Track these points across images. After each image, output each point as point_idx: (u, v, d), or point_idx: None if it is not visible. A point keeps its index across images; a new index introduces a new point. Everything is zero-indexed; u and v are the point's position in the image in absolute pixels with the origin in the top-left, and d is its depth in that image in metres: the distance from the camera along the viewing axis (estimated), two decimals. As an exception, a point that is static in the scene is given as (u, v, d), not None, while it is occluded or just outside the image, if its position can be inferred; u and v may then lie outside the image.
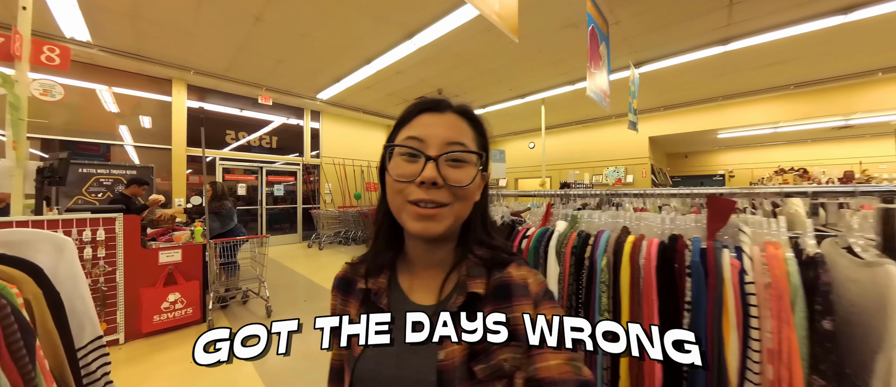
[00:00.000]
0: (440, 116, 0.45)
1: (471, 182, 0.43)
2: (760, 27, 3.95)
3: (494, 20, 1.58)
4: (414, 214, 0.43)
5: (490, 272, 0.45)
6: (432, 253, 0.47)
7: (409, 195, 0.43)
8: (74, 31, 3.94)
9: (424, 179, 0.41)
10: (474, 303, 0.42)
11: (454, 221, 0.44)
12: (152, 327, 2.45)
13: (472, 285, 0.43)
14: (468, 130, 0.46)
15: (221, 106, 6.33)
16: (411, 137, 0.43)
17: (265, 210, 6.99)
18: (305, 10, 3.55)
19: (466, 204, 0.45)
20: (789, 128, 7.13)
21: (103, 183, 4.80)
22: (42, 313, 0.53)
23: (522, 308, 0.41)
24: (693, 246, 0.69)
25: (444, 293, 0.45)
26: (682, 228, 0.79)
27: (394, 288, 0.49)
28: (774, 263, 0.59)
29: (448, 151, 0.42)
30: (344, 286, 0.52)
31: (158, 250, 2.56)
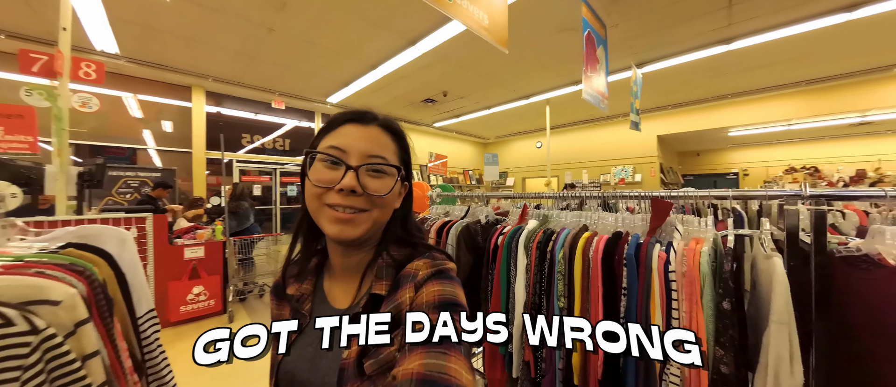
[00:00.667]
0: (364, 129, 0.47)
1: (389, 192, 0.45)
2: (762, 27, 3.94)
3: (483, 34, 1.71)
4: (332, 218, 0.44)
5: (399, 272, 0.46)
6: (349, 257, 0.49)
7: (327, 200, 0.44)
8: (104, 45, 4.25)
9: (343, 187, 0.43)
10: (378, 303, 0.44)
11: (372, 225, 0.46)
12: (179, 316, 2.69)
13: (376, 287, 0.45)
14: (390, 143, 0.48)
15: (237, 110, 6.63)
16: (333, 147, 0.45)
17: (279, 209, 7.28)
18: (313, 20, 3.75)
19: (385, 211, 0.47)
20: (803, 125, 6.99)
21: (130, 185, 5.13)
22: (114, 289, 0.70)
23: (403, 295, 0.42)
24: (631, 242, 0.81)
25: (359, 296, 0.47)
26: (631, 226, 0.91)
27: (318, 293, 0.50)
28: (690, 255, 0.71)
29: (368, 162, 0.44)
30: (278, 292, 0.53)
31: (184, 247, 2.79)
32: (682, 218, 0.83)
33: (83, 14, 3.52)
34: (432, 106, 7.15)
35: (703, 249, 0.71)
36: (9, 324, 0.35)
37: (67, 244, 0.67)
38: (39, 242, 0.65)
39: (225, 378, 2.01)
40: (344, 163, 0.44)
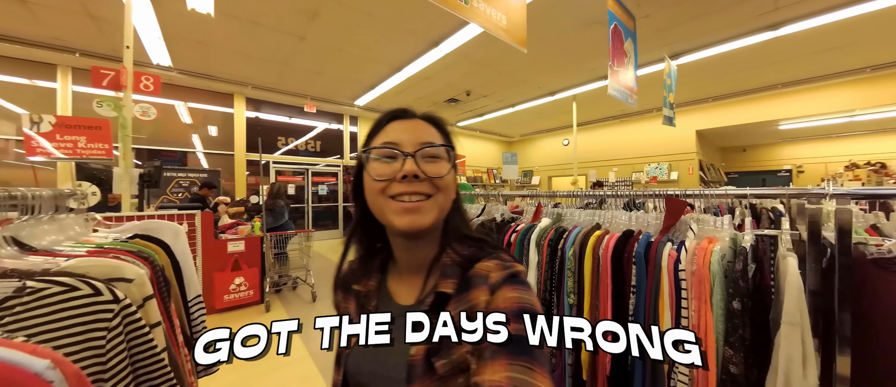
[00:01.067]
0: (408, 122, 0.48)
1: (447, 173, 0.45)
2: (814, 10, 3.60)
3: (501, 35, 1.73)
4: (398, 209, 0.44)
5: (464, 271, 0.45)
6: (414, 253, 0.48)
7: (390, 191, 0.44)
8: (160, 59, 4.71)
9: (406, 173, 0.43)
10: (444, 302, 0.43)
11: (438, 212, 0.45)
12: (223, 304, 2.95)
13: (443, 285, 0.44)
14: (435, 132, 0.49)
15: (273, 115, 7.07)
16: (387, 143, 0.46)
17: (311, 208, 7.67)
18: (341, 28, 3.93)
19: (447, 196, 0.46)
20: (868, 116, 6.27)
21: (181, 185, 5.66)
22: (170, 274, 0.81)
23: (477, 296, 0.41)
24: (641, 240, 0.81)
25: (424, 293, 0.46)
26: (644, 225, 0.90)
27: (382, 290, 0.51)
28: (700, 255, 0.70)
29: (422, 147, 0.45)
30: (342, 285, 0.55)
31: (227, 241, 3.05)
32: (697, 217, 0.81)
33: (142, 32, 3.94)
34: (455, 106, 7.20)
35: (714, 249, 0.70)
36: (98, 293, 0.45)
37: (134, 235, 0.79)
38: (113, 232, 0.78)
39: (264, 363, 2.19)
40: (400, 152, 0.44)
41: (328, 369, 1.95)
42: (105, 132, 1.74)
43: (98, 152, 1.70)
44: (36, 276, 0.43)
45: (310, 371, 2.13)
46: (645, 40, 4.27)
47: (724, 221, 0.77)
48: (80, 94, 5.08)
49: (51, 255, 0.54)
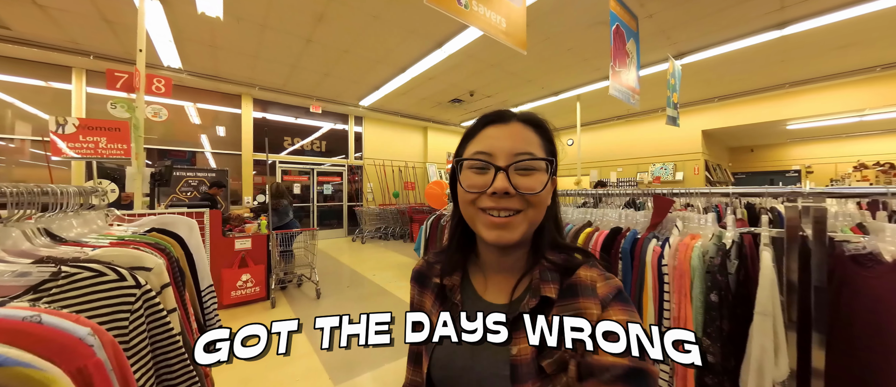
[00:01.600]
0: (505, 127, 0.46)
1: (542, 189, 0.43)
2: (821, 8, 3.56)
3: (500, 38, 1.77)
4: (488, 223, 0.43)
5: (563, 278, 0.45)
6: (505, 258, 0.48)
7: (481, 204, 0.44)
8: (170, 61, 4.84)
9: (496, 190, 0.42)
10: (547, 306, 0.43)
11: (528, 227, 0.44)
12: (231, 300, 3.03)
13: (546, 289, 0.43)
14: (534, 137, 0.46)
15: (280, 115, 7.19)
16: (479, 152, 0.44)
17: (316, 207, 7.78)
18: (346, 30, 4.00)
19: (539, 210, 0.45)
20: (878, 116, 6.16)
21: (191, 184, 5.79)
22: (184, 265, 0.87)
23: (587, 306, 0.41)
24: (628, 237, 0.84)
25: (516, 295, 0.46)
26: (633, 222, 0.94)
27: (466, 286, 0.50)
28: (682, 250, 0.73)
29: (516, 160, 0.43)
30: (420, 279, 0.55)
31: (234, 239, 3.14)
32: (682, 215, 0.84)
33: (154, 35, 4.05)
34: (459, 106, 7.24)
35: (695, 245, 0.73)
36: (122, 279, 0.50)
37: (152, 229, 0.85)
38: (132, 226, 0.84)
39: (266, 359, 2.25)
40: (492, 165, 0.43)
41: (333, 364, 2.00)
42: (124, 134, 1.84)
43: (117, 152, 1.80)
44: (68, 262, 0.49)
45: (313, 366, 2.19)
46: (649, 40, 4.26)
47: (707, 218, 0.80)
48: (93, 95, 5.23)
49: (79, 245, 0.60)
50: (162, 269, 0.62)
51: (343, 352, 2.02)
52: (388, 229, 7.64)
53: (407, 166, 9.04)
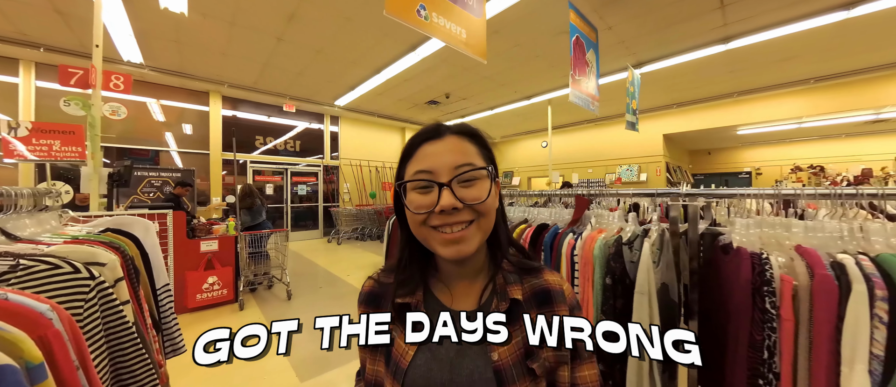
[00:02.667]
0: (441, 142, 0.46)
1: (487, 196, 0.44)
2: (759, 26, 3.95)
3: (462, 48, 1.88)
4: (442, 241, 0.43)
5: (522, 278, 0.47)
6: (464, 266, 0.48)
7: (431, 222, 0.43)
8: (131, 55, 4.62)
9: (444, 208, 0.42)
10: (515, 308, 0.44)
11: (482, 236, 0.45)
12: (195, 303, 2.97)
13: (513, 292, 0.45)
14: (471, 148, 0.46)
15: (251, 114, 7.00)
16: (420, 171, 0.44)
17: (290, 208, 7.63)
18: (319, 30, 4.00)
19: (489, 217, 0.45)
20: (814, 123, 6.83)
21: (153, 184, 5.54)
22: (139, 264, 0.91)
23: (561, 311, 0.44)
24: (551, 231, 0.97)
25: (484, 299, 0.47)
26: (559, 219, 1.07)
27: (430, 301, 0.49)
28: (588, 242, 0.87)
29: (457, 174, 0.43)
30: (373, 301, 0.52)
31: (200, 241, 3.08)
32: (596, 212, 0.99)
33: (112, 29, 3.87)
34: (436, 107, 7.34)
35: (599, 238, 0.87)
36: (77, 271, 0.56)
37: (106, 229, 0.89)
38: (87, 227, 0.87)
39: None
40: (434, 182, 0.43)
41: (299, 362, 2.03)
42: (78, 137, 1.80)
43: (71, 155, 1.76)
44: (25, 256, 0.54)
45: (279, 363, 2.22)
46: (610, 50, 4.54)
47: (614, 215, 0.95)
48: (44, 89, 4.91)
49: (34, 243, 0.65)
50: (116, 264, 0.67)
51: (311, 350, 2.08)
52: (364, 230, 7.62)
53: (384, 167, 9.04)
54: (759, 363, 0.61)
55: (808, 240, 0.65)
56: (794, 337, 0.57)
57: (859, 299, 0.51)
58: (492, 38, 4.21)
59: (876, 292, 0.50)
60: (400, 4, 1.55)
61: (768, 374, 0.60)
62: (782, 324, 0.58)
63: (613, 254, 0.82)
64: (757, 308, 0.62)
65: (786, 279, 0.59)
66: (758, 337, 0.62)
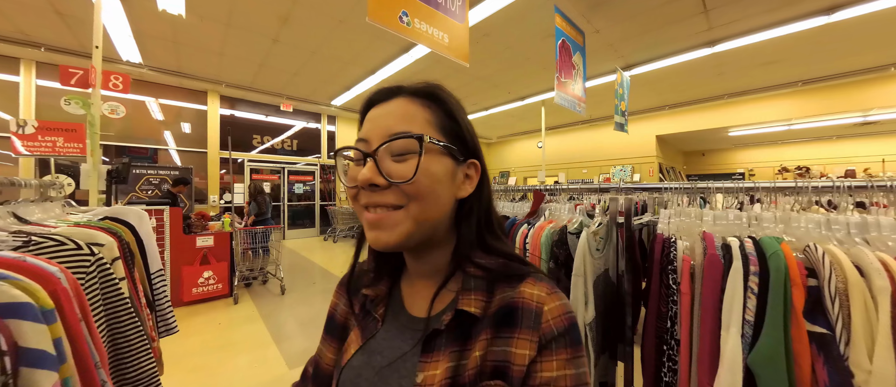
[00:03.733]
0: (387, 105, 0.38)
1: (414, 175, 0.34)
2: (743, 30, 4.05)
3: (444, 53, 1.98)
4: (367, 222, 0.37)
5: (493, 288, 0.37)
6: (421, 261, 0.41)
7: (361, 200, 0.37)
8: (129, 55, 4.72)
9: (361, 182, 0.35)
10: (469, 323, 0.36)
11: (414, 226, 0.35)
12: (191, 297, 3.06)
13: (465, 302, 0.36)
14: (421, 112, 0.37)
15: (249, 113, 7.10)
16: (359, 139, 0.37)
17: (287, 206, 7.73)
18: (314, 31, 4.10)
19: (426, 203, 0.35)
20: (804, 125, 6.94)
21: (152, 182, 5.63)
22: (134, 249, 1.01)
23: (519, 345, 0.33)
24: (509, 222, 1.07)
25: (436, 308, 0.39)
26: (520, 211, 1.17)
27: (394, 298, 0.44)
28: (537, 232, 0.97)
29: (385, 141, 0.35)
30: (349, 286, 0.48)
31: (196, 236, 3.17)
32: (551, 206, 1.09)
33: (112, 30, 3.97)
34: (432, 107, 7.44)
35: (547, 227, 0.97)
36: (79, 248, 0.65)
37: (105, 217, 0.98)
38: (87, 215, 0.97)
39: (227, 348, 2.35)
40: (362, 152, 0.36)
41: (290, 352, 2.12)
42: (80, 134, 1.92)
43: (73, 150, 1.89)
44: (35, 235, 0.64)
45: (271, 354, 2.31)
46: (599, 52, 4.65)
47: (564, 209, 1.05)
48: (44, 88, 5.00)
49: (42, 226, 0.75)
50: (113, 245, 0.77)
51: (300, 342, 2.22)
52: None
53: (381, 166, 9.14)
54: (664, 331, 0.71)
55: (715, 227, 0.75)
56: (690, 308, 0.67)
57: (736, 273, 0.60)
58: (483, 41, 4.32)
59: (750, 268, 0.60)
60: (382, 11, 1.65)
61: (671, 340, 0.70)
62: (681, 297, 0.68)
63: (557, 241, 0.92)
64: (663, 284, 0.72)
65: (685, 259, 0.69)
66: (663, 309, 0.72)
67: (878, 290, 0.50)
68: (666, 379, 0.70)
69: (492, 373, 0.32)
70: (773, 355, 0.54)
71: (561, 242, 0.92)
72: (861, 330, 0.50)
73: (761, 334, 0.57)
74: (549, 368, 0.32)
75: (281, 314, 2.98)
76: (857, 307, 0.51)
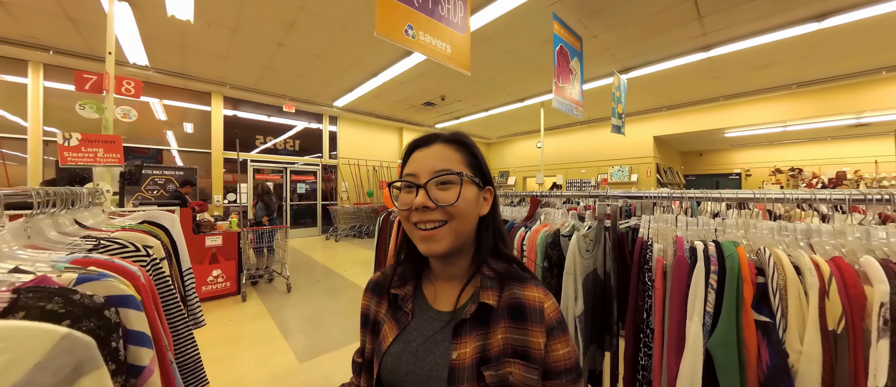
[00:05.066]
0: (428, 149, 0.51)
1: (457, 200, 0.47)
2: (737, 35, 4.16)
3: (446, 62, 2.08)
4: (418, 237, 0.48)
5: (503, 286, 0.49)
6: (448, 267, 0.52)
7: (412, 219, 0.49)
8: (136, 58, 4.81)
9: (416, 205, 0.47)
10: (486, 313, 0.47)
11: (454, 238, 0.48)
12: (201, 295, 3.17)
13: (484, 296, 0.48)
14: (454, 154, 0.51)
15: (252, 113, 7.19)
16: (408, 174, 0.50)
17: (289, 206, 7.83)
18: (317, 36, 4.19)
19: (463, 220, 0.49)
20: (798, 126, 7.06)
21: (157, 182, 5.73)
22: (170, 250, 1.12)
23: (535, 335, 0.45)
24: (507, 226, 1.18)
25: (461, 303, 0.50)
26: (519, 216, 1.28)
27: (418, 296, 0.55)
28: (533, 235, 1.08)
29: (433, 177, 0.48)
30: (377, 289, 0.59)
31: (205, 236, 3.28)
32: (545, 210, 1.19)
33: (121, 34, 4.06)
34: (432, 109, 7.54)
35: (542, 231, 1.08)
36: (138, 250, 0.76)
37: (143, 221, 1.09)
38: (128, 219, 1.08)
39: (237, 342, 2.46)
40: (415, 184, 0.48)
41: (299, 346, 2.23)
42: (118, 145, 2.10)
43: (112, 160, 2.07)
44: (102, 240, 0.75)
45: (281, 347, 2.42)
46: (597, 56, 4.75)
47: (557, 214, 1.15)
48: (52, 89, 5.09)
49: (97, 230, 0.85)
50: (160, 246, 0.88)
51: (308, 336, 2.35)
52: (362, 228, 7.82)
53: (382, 166, 9.23)
54: (641, 322, 0.82)
55: (687, 232, 0.85)
56: (663, 302, 0.78)
57: (699, 272, 0.71)
58: (483, 46, 4.42)
59: (711, 268, 0.70)
60: (390, 25, 1.75)
61: (646, 329, 0.81)
62: (655, 293, 0.79)
63: (550, 243, 1.03)
64: (641, 281, 0.83)
65: (659, 260, 0.79)
66: (640, 303, 0.82)
67: (810, 286, 0.61)
68: (642, 363, 0.81)
69: (513, 353, 0.45)
70: (726, 341, 0.65)
71: (554, 244, 1.02)
72: (795, 319, 0.61)
73: (718, 322, 0.68)
74: (556, 348, 0.46)
75: (287, 311, 3.09)
76: (793, 300, 0.62)
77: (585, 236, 1.04)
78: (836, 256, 0.66)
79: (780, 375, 0.60)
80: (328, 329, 2.63)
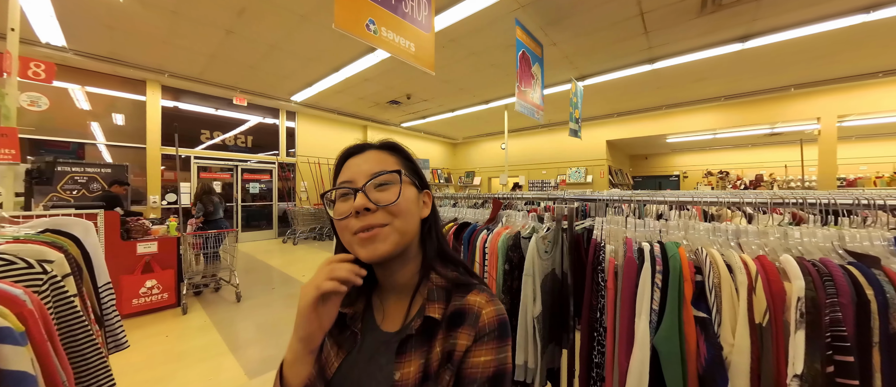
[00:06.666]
0: (362, 156, 0.50)
1: (398, 198, 0.46)
2: (675, 51, 4.59)
3: (410, 61, 2.04)
4: (358, 242, 0.45)
5: (450, 296, 0.47)
6: (394, 277, 0.50)
7: (351, 227, 0.45)
8: (50, 37, 4.15)
9: (357, 208, 0.44)
10: (432, 327, 0.45)
11: (399, 238, 0.46)
12: (131, 309, 2.81)
13: (430, 309, 0.46)
14: (389, 158, 0.50)
15: (197, 105, 6.54)
16: (343, 182, 0.48)
17: (241, 207, 7.25)
18: (273, 25, 3.92)
19: (406, 219, 0.47)
20: (726, 134, 7.97)
21: (78, 181, 4.98)
22: (81, 263, 0.96)
23: (462, 338, 0.43)
24: (469, 229, 1.18)
25: (409, 318, 0.48)
26: (482, 218, 1.29)
27: (368, 313, 0.52)
28: (494, 238, 1.09)
29: (370, 178, 0.46)
30: None
31: (136, 242, 2.91)
32: (507, 212, 1.21)
33: (27, 6, 3.47)
34: (398, 107, 7.41)
35: (503, 233, 1.09)
36: (31, 267, 0.63)
37: (45, 230, 0.92)
38: (25, 228, 0.90)
39: (178, 360, 2.21)
40: (351, 189, 0.46)
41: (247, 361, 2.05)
42: (12, 139, 1.73)
43: (6, 157, 1.69)
44: (-22, 255, 0.61)
45: (228, 364, 2.22)
46: (557, 63, 4.98)
47: (519, 216, 1.18)
48: (-68, 69, 4.21)
49: (-22, 243, 0.70)
50: (63, 261, 0.74)
51: (259, 350, 2.15)
52: (323, 230, 7.47)
53: (344, 165, 8.89)
54: (594, 320, 0.86)
55: (636, 234, 0.91)
56: (614, 301, 0.81)
57: (646, 272, 0.75)
58: (449, 47, 4.42)
59: (656, 268, 0.75)
60: (349, 18, 1.67)
61: (599, 327, 0.84)
62: (607, 293, 0.83)
63: (511, 246, 1.04)
64: (595, 282, 0.87)
65: (611, 261, 0.83)
66: (594, 302, 0.86)
67: (740, 283, 0.67)
68: (596, 360, 0.84)
69: (445, 359, 0.43)
70: (670, 336, 0.69)
71: (515, 246, 1.03)
72: (728, 314, 0.67)
73: (663, 319, 0.72)
74: (479, 354, 0.43)
75: (237, 322, 2.85)
76: (726, 296, 0.67)
77: (544, 238, 1.07)
78: (761, 254, 0.73)
79: (717, 366, 0.65)
80: (285, 338, 2.45)
